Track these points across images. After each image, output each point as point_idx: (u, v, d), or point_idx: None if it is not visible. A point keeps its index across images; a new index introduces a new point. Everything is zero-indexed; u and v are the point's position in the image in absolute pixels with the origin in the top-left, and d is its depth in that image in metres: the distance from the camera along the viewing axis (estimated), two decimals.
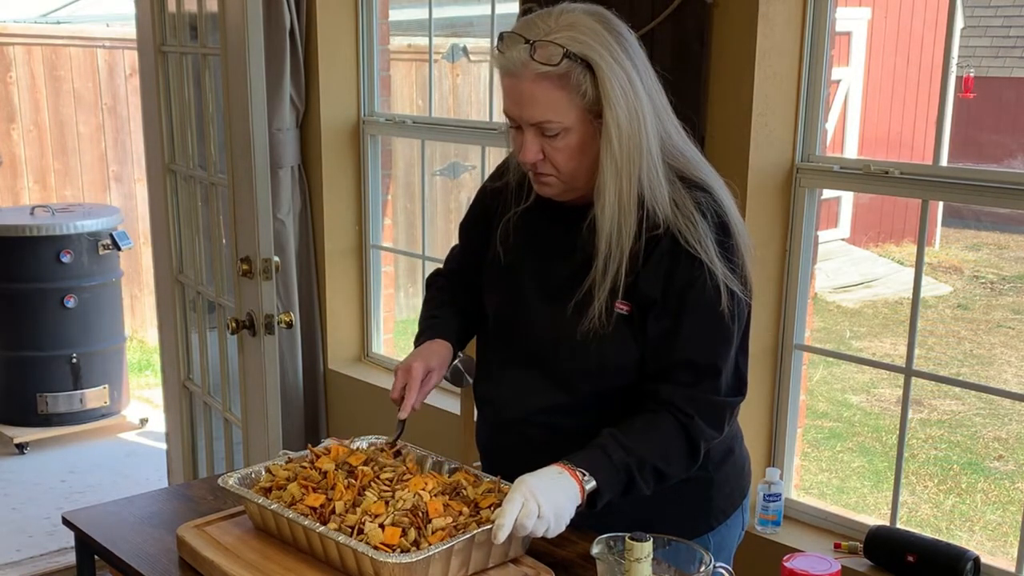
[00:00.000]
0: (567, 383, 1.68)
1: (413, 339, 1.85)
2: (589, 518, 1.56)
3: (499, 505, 1.54)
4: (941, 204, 7.68)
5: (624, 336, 1.63)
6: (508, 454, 1.78)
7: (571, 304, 1.64)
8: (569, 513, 1.51)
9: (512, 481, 1.62)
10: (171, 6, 3.12)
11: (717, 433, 1.65)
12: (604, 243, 1.59)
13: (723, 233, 1.61)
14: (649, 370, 1.64)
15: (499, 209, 1.78)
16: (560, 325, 1.66)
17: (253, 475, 1.68)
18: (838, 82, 9.05)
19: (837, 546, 2.58)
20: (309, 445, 1.76)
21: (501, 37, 1.60)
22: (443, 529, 1.49)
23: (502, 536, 1.46)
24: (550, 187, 1.65)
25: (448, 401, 3.41)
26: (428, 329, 1.83)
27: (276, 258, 2.66)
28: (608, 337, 1.62)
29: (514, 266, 1.75)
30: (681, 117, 1.68)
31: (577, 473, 1.52)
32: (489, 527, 1.48)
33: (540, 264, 1.72)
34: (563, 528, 1.51)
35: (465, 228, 1.91)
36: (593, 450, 1.57)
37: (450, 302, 1.88)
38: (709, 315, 1.60)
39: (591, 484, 1.53)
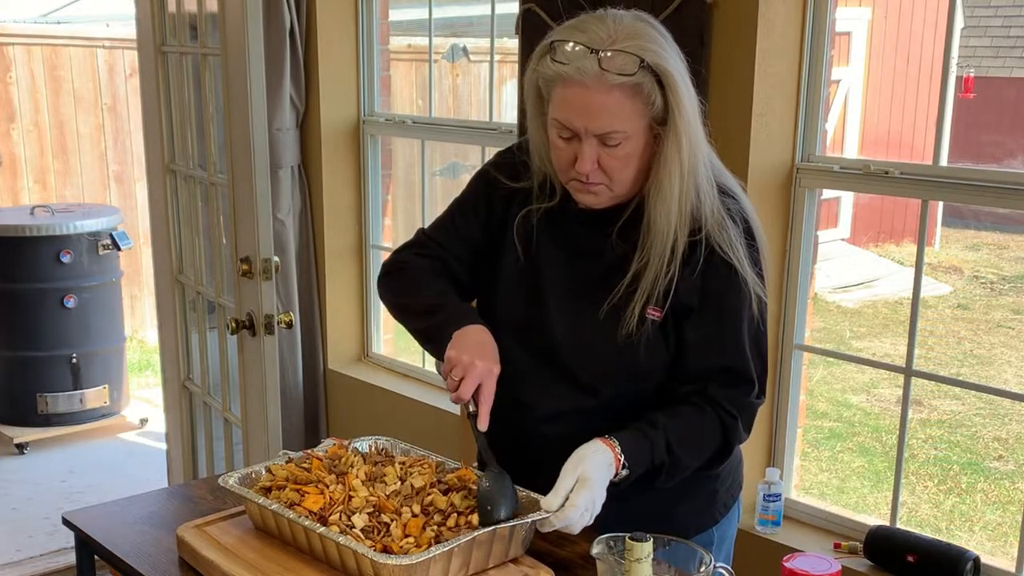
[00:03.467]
0: (590, 386, 1.67)
1: (432, 309, 1.69)
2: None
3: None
4: (941, 204, 7.67)
5: (656, 341, 1.63)
6: (517, 456, 1.74)
7: (603, 307, 1.63)
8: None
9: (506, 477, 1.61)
10: (171, 6, 3.12)
11: (747, 435, 1.69)
12: (661, 246, 1.58)
13: (750, 238, 1.64)
14: (691, 372, 1.65)
15: (513, 211, 1.73)
16: (585, 327, 1.65)
17: (253, 475, 1.68)
18: (838, 82, 9.05)
19: (837, 546, 2.58)
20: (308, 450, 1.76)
21: (553, 46, 1.55)
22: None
23: (548, 528, 1.50)
24: (597, 196, 1.62)
25: (448, 401, 3.41)
26: (460, 311, 1.68)
27: (276, 258, 2.66)
28: (642, 341, 1.62)
29: (534, 266, 1.71)
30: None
31: (619, 465, 1.55)
32: (489, 528, 1.49)
33: (564, 266, 1.69)
34: None
35: (464, 212, 1.79)
36: (644, 443, 1.58)
37: (448, 290, 1.75)
38: (746, 321, 1.63)
39: (622, 475, 1.56)
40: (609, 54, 1.50)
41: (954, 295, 8.14)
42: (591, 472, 1.52)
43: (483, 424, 1.59)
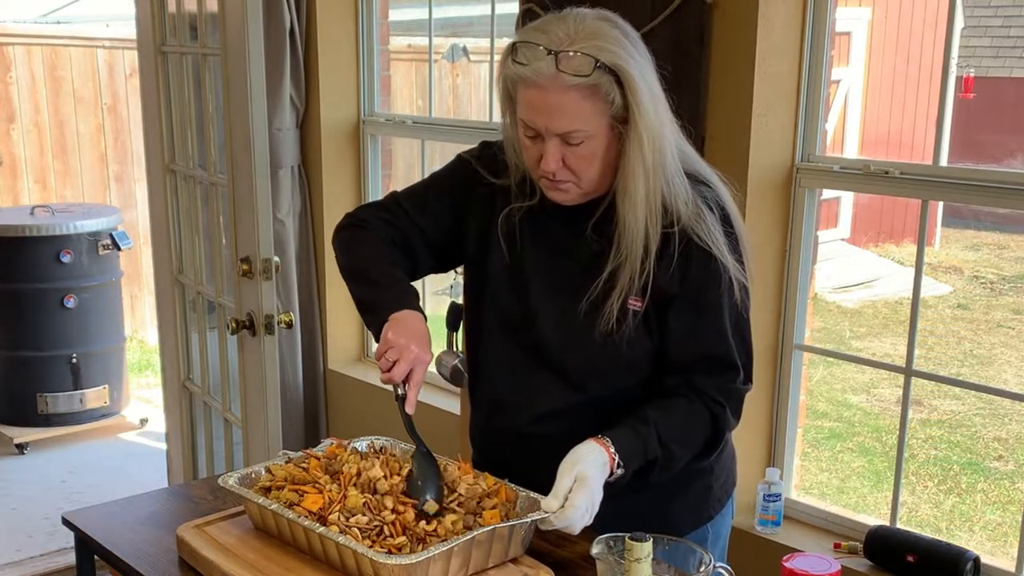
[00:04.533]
0: (579, 383, 1.69)
1: (381, 282, 1.71)
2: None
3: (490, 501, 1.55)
4: (941, 204, 7.68)
5: (639, 332, 1.64)
6: (512, 455, 1.77)
7: (584, 302, 1.64)
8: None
9: (503, 479, 1.63)
10: (171, 6, 3.12)
11: (737, 422, 1.70)
12: (633, 243, 1.59)
13: (727, 225, 1.65)
14: (674, 363, 1.66)
15: (497, 209, 1.74)
16: (571, 323, 1.66)
17: (253, 475, 1.68)
18: (838, 82, 9.05)
19: (837, 546, 2.58)
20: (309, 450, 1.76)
21: (515, 47, 1.57)
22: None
23: (548, 527, 1.51)
24: (567, 194, 1.64)
25: (447, 401, 3.41)
26: (406, 294, 1.70)
27: (276, 258, 2.66)
28: (623, 334, 1.63)
29: (519, 265, 1.73)
30: (680, 117, 1.68)
31: (614, 464, 1.55)
32: (489, 528, 1.49)
33: (547, 263, 1.71)
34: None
35: (439, 191, 1.80)
36: (636, 440, 1.59)
37: (400, 264, 1.77)
38: (728, 308, 1.64)
39: (617, 474, 1.56)
40: (569, 54, 1.51)
41: (954, 295, 8.14)
42: (588, 471, 1.52)
43: (411, 408, 1.62)
